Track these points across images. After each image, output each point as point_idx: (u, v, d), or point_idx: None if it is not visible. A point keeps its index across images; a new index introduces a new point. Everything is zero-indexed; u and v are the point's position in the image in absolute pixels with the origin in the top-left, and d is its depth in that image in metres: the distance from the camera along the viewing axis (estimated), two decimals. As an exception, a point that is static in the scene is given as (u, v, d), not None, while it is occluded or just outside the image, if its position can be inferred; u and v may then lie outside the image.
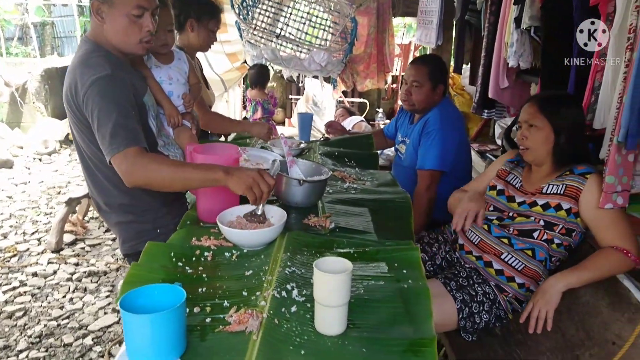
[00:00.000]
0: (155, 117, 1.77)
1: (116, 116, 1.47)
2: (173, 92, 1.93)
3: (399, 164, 2.74)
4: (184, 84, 1.98)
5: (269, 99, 4.48)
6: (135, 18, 1.54)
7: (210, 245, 1.42)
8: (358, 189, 1.93)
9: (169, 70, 1.94)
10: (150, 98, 1.75)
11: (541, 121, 1.76)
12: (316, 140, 2.63)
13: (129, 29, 1.56)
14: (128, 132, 1.47)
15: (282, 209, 1.53)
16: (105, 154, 1.48)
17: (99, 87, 1.48)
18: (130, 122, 1.50)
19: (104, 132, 1.47)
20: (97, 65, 1.51)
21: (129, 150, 1.45)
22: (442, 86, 2.48)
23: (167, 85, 1.91)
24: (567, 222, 1.71)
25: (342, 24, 3.94)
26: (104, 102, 1.47)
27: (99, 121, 1.48)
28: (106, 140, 1.46)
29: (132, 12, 1.53)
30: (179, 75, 1.96)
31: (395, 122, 2.85)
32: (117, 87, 1.51)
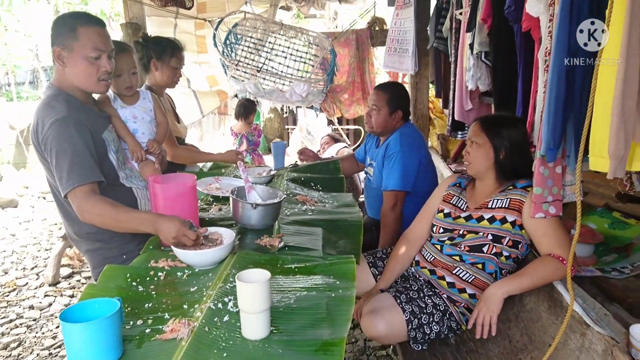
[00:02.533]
0: (117, 152, 1.90)
1: (70, 155, 1.64)
2: (138, 130, 2.08)
3: (369, 186, 2.87)
4: (149, 121, 2.13)
5: (253, 131, 4.66)
6: (93, 60, 1.72)
7: (164, 266, 1.55)
8: (315, 211, 2.06)
9: (134, 109, 2.09)
10: (111, 134, 1.90)
11: (482, 139, 1.89)
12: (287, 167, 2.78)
13: (88, 69, 1.73)
14: (81, 170, 1.64)
15: (231, 231, 1.66)
16: (61, 190, 1.66)
17: (57, 129, 1.65)
18: (85, 160, 1.67)
19: (60, 170, 1.65)
20: (56, 108, 1.69)
21: (80, 188, 1.63)
22: (400, 111, 2.62)
23: (132, 123, 2.07)
24: (513, 234, 1.81)
25: (321, 56, 4.14)
26: (60, 143, 1.65)
27: (56, 160, 1.65)
28: (63, 178, 1.64)
29: (90, 55, 1.72)
30: (144, 114, 2.12)
31: (365, 147, 2.99)
32: (73, 128, 1.68)
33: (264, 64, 4.12)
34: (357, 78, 4.48)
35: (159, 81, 2.60)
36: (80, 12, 1.86)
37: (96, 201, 1.65)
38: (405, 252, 2.10)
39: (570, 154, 1.65)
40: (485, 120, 1.95)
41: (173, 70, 2.60)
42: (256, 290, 1.13)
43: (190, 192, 1.73)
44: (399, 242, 2.16)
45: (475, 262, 1.87)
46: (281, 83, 4.17)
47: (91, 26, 1.74)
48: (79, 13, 1.81)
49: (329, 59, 4.18)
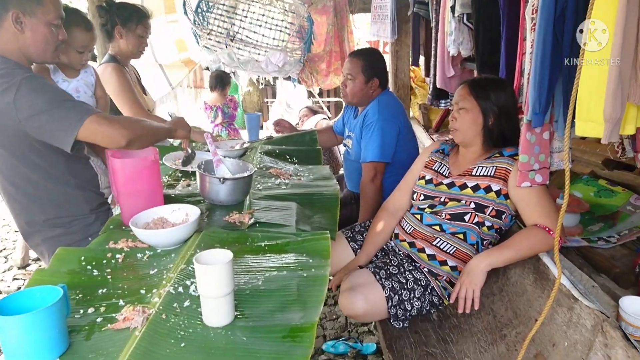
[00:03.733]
0: None
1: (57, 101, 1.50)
2: None
3: (347, 159, 2.75)
4: (90, 96, 2.03)
5: (229, 103, 4.48)
6: (55, 27, 1.60)
7: (123, 247, 1.43)
8: (290, 185, 1.94)
9: (77, 83, 1.98)
10: None
11: (470, 103, 1.78)
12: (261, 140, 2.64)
13: (49, 37, 1.60)
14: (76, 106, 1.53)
15: (196, 208, 1.54)
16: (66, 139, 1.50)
17: (29, 86, 1.49)
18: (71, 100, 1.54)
19: (59, 112, 1.49)
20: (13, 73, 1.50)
21: (99, 114, 1.53)
22: (376, 79, 2.49)
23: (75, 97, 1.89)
24: (497, 204, 1.72)
25: (297, 24, 3.96)
26: (43, 92, 1.49)
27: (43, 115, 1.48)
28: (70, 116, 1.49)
29: (53, 22, 1.59)
30: (86, 88, 2.01)
31: (343, 118, 2.86)
32: (44, 81, 1.55)
33: (237, 32, 3.93)
34: (335, 47, 4.30)
35: (123, 50, 2.43)
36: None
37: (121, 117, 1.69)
38: (385, 225, 2.00)
39: (558, 118, 1.55)
40: (473, 83, 1.83)
41: (139, 38, 2.43)
42: (216, 272, 1.01)
43: (151, 166, 1.59)
44: (378, 214, 2.06)
45: (456, 232, 1.78)
46: (256, 53, 4.00)
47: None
48: None
49: (305, 27, 4.00)
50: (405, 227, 1.93)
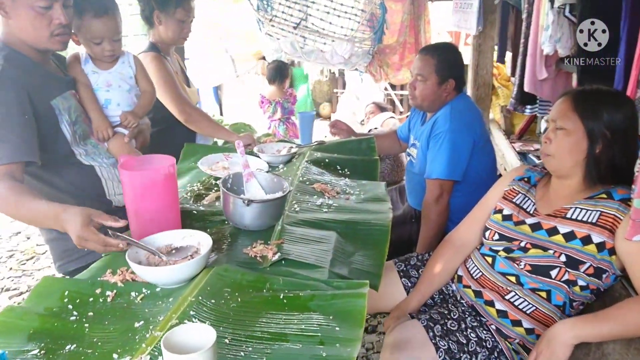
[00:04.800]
0: (74, 123, 1.58)
1: None
2: (112, 100, 1.73)
3: (410, 171, 2.39)
4: (127, 90, 1.76)
5: (289, 97, 4.20)
6: (42, 10, 1.41)
7: (117, 281, 1.18)
8: (333, 207, 1.62)
9: (109, 75, 1.72)
10: (67, 102, 1.58)
11: (572, 122, 1.37)
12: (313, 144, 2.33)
13: (35, 22, 1.43)
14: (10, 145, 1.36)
15: (208, 237, 1.26)
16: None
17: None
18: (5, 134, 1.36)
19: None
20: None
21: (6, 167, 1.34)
22: (452, 81, 2.10)
23: (105, 92, 1.72)
24: (597, 261, 1.31)
25: (368, 11, 3.61)
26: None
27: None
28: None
29: (36, 4, 1.40)
30: (121, 81, 1.74)
31: (409, 123, 2.50)
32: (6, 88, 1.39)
33: (302, 19, 3.63)
34: (409, 38, 3.91)
35: (163, 37, 2.20)
36: None
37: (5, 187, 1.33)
38: (447, 262, 1.64)
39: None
40: (579, 96, 1.40)
41: (179, 23, 2.18)
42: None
43: (164, 181, 1.33)
44: (439, 248, 1.70)
45: (538, 288, 1.39)
46: (322, 42, 3.69)
47: None
48: None
49: (377, 15, 3.64)
50: (471, 269, 1.56)
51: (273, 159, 2.08)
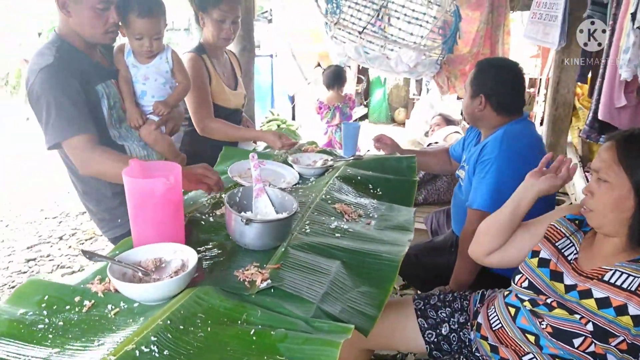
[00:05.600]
0: (112, 107, 1.74)
1: (57, 106, 1.54)
2: (147, 92, 1.84)
3: (457, 194, 2.20)
4: (163, 83, 1.87)
5: (347, 102, 4.08)
6: (100, 11, 1.61)
7: (98, 291, 1.16)
8: (347, 232, 1.51)
9: (146, 70, 1.83)
10: (109, 88, 1.74)
11: (617, 175, 1.16)
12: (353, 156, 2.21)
13: (94, 21, 1.62)
14: (72, 120, 1.55)
15: (194, 254, 1.21)
16: (47, 141, 1.58)
17: (41, 77, 1.55)
18: (74, 110, 1.56)
19: (47, 120, 1.55)
20: (45, 55, 1.58)
21: (78, 138, 1.55)
22: (481, 97, 1.93)
23: (141, 85, 1.83)
24: (632, 336, 1.11)
25: (440, 18, 3.41)
26: (45, 93, 1.54)
27: (42, 110, 1.55)
28: (49, 128, 1.56)
29: (97, 6, 1.60)
30: (157, 75, 1.85)
31: (463, 142, 2.31)
32: (60, 76, 1.56)
33: (370, 23, 3.51)
34: (484, 49, 3.65)
35: (207, 38, 2.22)
36: None
37: (102, 150, 1.58)
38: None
39: None
40: (627, 143, 1.19)
41: (217, 24, 2.17)
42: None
43: (166, 192, 1.29)
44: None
45: (558, 355, 1.20)
46: (389, 48, 3.55)
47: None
48: None
49: (450, 23, 3.43)
50: (492, 319, 1.38)
51: (305, 170, 2.01)
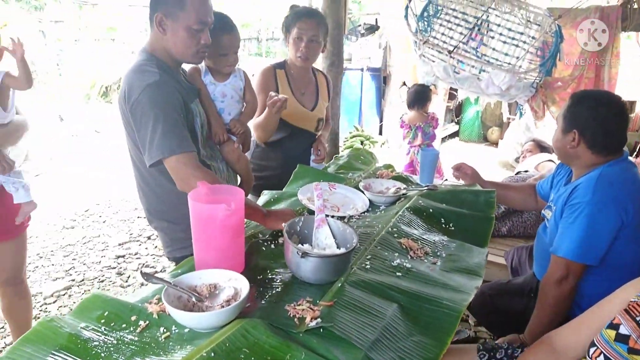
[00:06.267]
0: (202, 126, 1.77)
1: (164, 122, 1.56)
2: (224, 109, 1.92)
3: (540, 235, 2.03)
4: (237, 101, 1.95)
5: (430, 121, 3.93)
6: (195, 32, 1.64)
7: (153, 312, 1.19)
8: (410, 271, 1.43)
9: (224, 87, 1.91)
10: (198, 107, 1.78)
11: None
12: (427, 186, 2.11)
13: (188, 41, 1.66)
14: (179, 137, 1.57)
15: (247, 283, 1.20)
16: (150, 157, 1.58)
17: (149, 93, 1.56)
18: (179, 128, 1.59)
19: (152, 136, 1.56)
20: (148, 72, 1.61)
21: (183, 155, 1.57)
22: (575, 133, 1.75)
23: (220, 102, 1.91)
24: None
25: (540, 39, 3.19)
26: (153, 108, 1.56)
27: (147, 126, 1.56)
28: (154, 144, 1.56)
29: (193, 27, 1.63)
30: (233, 92, 1.93)
31: (552, 179, 2.12)
32: (166, 93, 1.59)
33: (461, 42, 3.36)
34: (588, 72, 3.36)
35: (290, 55, 2.28)
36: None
37: (205, 173, 1.59)
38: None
39: None
40: None
41: (295, 42, 2.24)
42: None
43: (225, 219, 1.30)
44: (535, 346, 1.39)
45: None
46: (480, 69, 3.38)
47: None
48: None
49: (550, 44, 3.20)
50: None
51: (376, 198, 1.95)
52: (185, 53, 1.69)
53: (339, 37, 4.05)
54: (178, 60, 1.73)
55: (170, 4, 1.61)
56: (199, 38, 1.66)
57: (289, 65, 2.35)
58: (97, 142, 7.44)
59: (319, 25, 2.26)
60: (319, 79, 2.52)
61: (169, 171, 1.63)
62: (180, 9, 1.60)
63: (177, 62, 1.76)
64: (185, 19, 1.61)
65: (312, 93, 2.46)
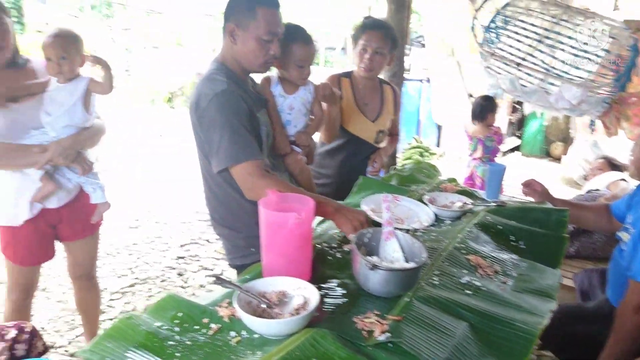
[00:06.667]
0: (267, 136, 1.79)
1: (231, 130, 1.59)
2: (291, 122, 1.94)
3: (616, 259, 1.93)
4: (304, 114, 1.97)
5: (493, 135, 3.80)
6: (264, 42, 1.67)
7: (224, 316, 1.22)
8: (479, 290, 1.39)
9: (293, 100, 1.93)
10: (264, 117, 1.80)
11: None
12: (494, 203, 2.05)
13: (256, 51, 1.69)
14: (245, 145, 1.60)
15: (317, 293, 1.21)
16: (218, 164, 1.63)
17: (217, 102, 1.61)
18: (247, 136, 1.62)
19: (219, 144, 1.60)
20: (217, 81, 1.65)
21: (250, 163, 1.59)
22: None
23: (287, 114, 1.93)
24: None
25: (615, 52, 3.05)
26: (220, 116, 1.60)
27: (214, 133, 1.60)
28: (221, 152, 1.60)
29: (263, 37, 1.66)
30: (301, 106, 1.94)
31: (630, 200, 2.01)
32: (233, 101, 1.63)
33: (530, 54, 3.26)
34: (668, 88, 3.16)
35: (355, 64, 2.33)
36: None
37: (272, 178, 1.60)
38: None
39: None
40: None
41: (360, 52, 2.29)
42: None
43: (294, 228, 1.31)
44: None
45: None
46: (549, 83, 3.26)
47: (270, 8, 1.67)
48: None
49: (625, 58, 3.04)
50: None
51: (441, 212, 1.91)
52: (253, 63, 1.72)
53: (401, 48, 4.04)
54: (246, 69, 1.77)
55: (242, 15, 1.66)
56: (268, 48, 1.69)
57: (354, 75, 2.38)
58: (159, 145, 7.73)
59: (385, 38, 2.27)
60: (386, 92, 2.51)
61: (236, 179, 1.65)
62: (251, 20, 1.65)
63: (246, 71, 1.80)
64: (256, 30, 1.65)
65: (376, 104, 2.46)
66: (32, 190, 1.89)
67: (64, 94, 1.86)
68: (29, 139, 1.85)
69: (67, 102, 1.86)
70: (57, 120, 1.86)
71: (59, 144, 1.85)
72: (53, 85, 1.88)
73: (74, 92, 1.87)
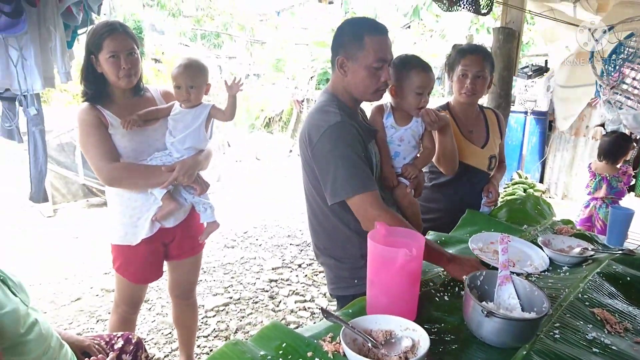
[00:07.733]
0: (377, 167, 1.79)
1: (348, 161, 1.59)
2: (400, 154, 1.90)
3: None
4: (414, 146, 1.93)
5: (621, 176, 3.44)
6: (374, 70, 1.66)
7: (328, 351, 1.18)
8: (609, 349, 1.24)
9: (404, 132, 1.89)
10: (375, 147, 1.82)
11: None
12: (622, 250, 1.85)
13: (367, 80, 1.68)
14: (364, 177, 1.59)
15: (427, 338, 1.13)
16: (333, 196, 1.62)
17: (331, 134, 1.61)
18: (361, 168, 1.60)
19: (334, 175, 1.59)
20: (330, 113, 1.65)
21: (370, 194, 1.58)
22: None
23: (396, 146, 1.90)
24: None
25: None
26: (336, 148, 1.60)
27: (330, 166, 1.60)
28: (337, 184, 1.59)
29: (373, 65, 1.65)
30: (411, 138, 1.91)
31: None
32: (348, 133, 1.62)
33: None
34: None
35: (454, 92, 2.26)
36: (366, 19, 1.73)
37: (388, 212, 1.57)
38: None
39: None
40: None
41: (459, 79, 2.22)
42: None
43: (404, 264, 1.26)
44: None
45: None
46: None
47: (377, 35, 1.66)
48: (365, 20, 1.73)
49: None
50: None
51: (558, 257, 1.76)
52: (365, 92, 1.71)
53: (509, 79, 3.87)
54: (358, 99, 1.77)
55: (350, 47, 1.66)
56: (379, 76, 1.67)
57: (452, 105, 2.32)
58: (257, 168, 8.02)
59: (484, 61, 2.19)
60: (489, 116, 2.42)
61: (354, 210, 1.63)
62: (360, 49, 1.64)
63: (357, 102, 1.79)
64: (365, 59, 1.64)
65: (481, 130, 2.36)
66: (152, 210, 2.00)
67: (190, 117, 1.98)
68: (152, 160, 1.97)
69: (192, 125, 1.98)
70: (181, 142, 1.98)
71: (184, 164, 1.96)
72: (176, 110, 2.01)
73: (199, 116, 1.99)
